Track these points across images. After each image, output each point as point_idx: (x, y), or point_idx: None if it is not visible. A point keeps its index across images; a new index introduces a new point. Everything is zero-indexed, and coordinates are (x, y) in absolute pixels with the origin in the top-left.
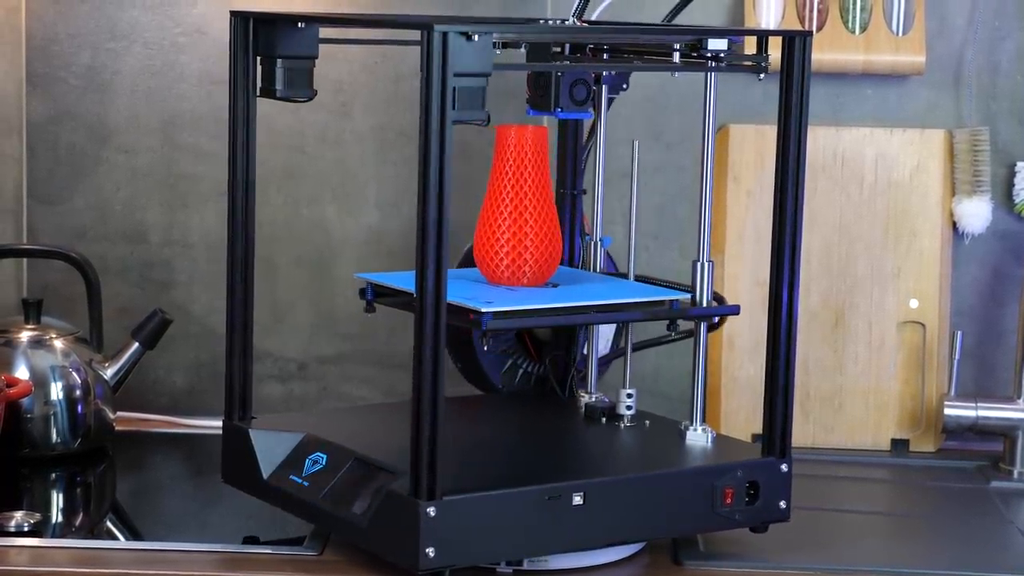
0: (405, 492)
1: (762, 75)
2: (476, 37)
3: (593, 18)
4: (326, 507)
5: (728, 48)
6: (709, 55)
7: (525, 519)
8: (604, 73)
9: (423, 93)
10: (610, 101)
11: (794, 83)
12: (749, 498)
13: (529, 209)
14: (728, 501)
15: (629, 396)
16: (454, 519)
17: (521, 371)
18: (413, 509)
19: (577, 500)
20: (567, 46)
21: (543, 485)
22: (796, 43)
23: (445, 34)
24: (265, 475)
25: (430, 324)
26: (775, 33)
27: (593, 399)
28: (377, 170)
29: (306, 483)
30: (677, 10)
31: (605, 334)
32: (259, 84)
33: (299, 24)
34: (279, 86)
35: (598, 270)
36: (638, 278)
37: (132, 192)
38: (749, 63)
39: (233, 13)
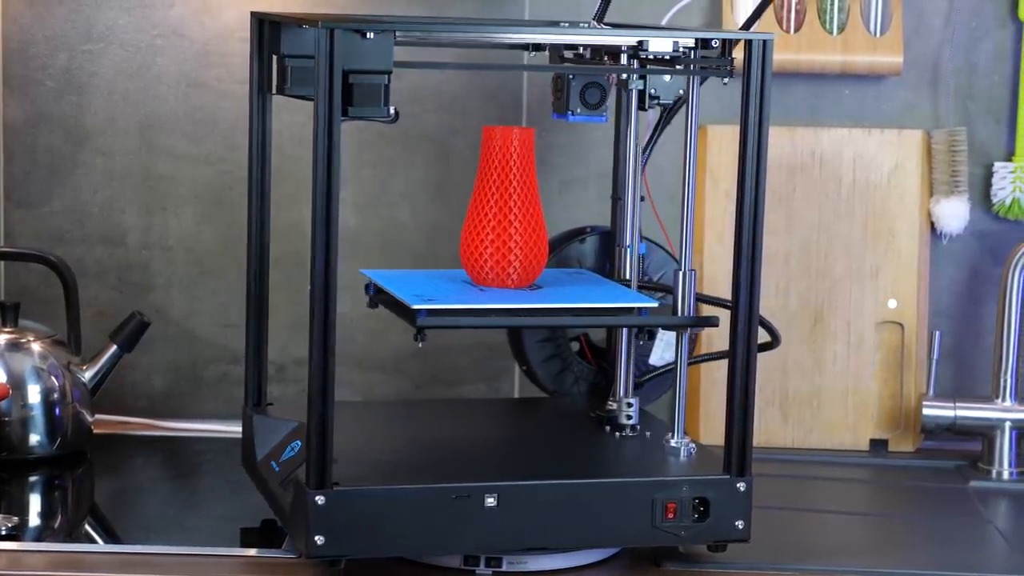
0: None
1: (726, 79)
2: (371, 35)
3: (664, 22)
4: (278, 493)
5: (675, 49)
6: (651, 57)
7: (429, 516)
8: (634, 77)
9: (315, 89)
10: (665, 108)
11: (752, 87)
12: (699, 515)
13: (514, 211)
14: (670, 516)
15: (629, 405)
16: (346, 510)
17: (573, 376)
18: (305, 497)
19: (490, 502)
20: (587, 50)
21: (450, 484)
22: (755, 46)
23: (332, 31)
24: (258, 460)
25: (319, 318)
26: (737, 36)
27: (616, 407)
28: (355, 171)
29: (277, 469)
30: (757, 14)
31: (670, 344)
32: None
33: (302, 26)
34: (288, 84)
35: (628, 277)
36: (653, 286)
37: (110, 194)
38: (714, 66)
39: (253, 14)
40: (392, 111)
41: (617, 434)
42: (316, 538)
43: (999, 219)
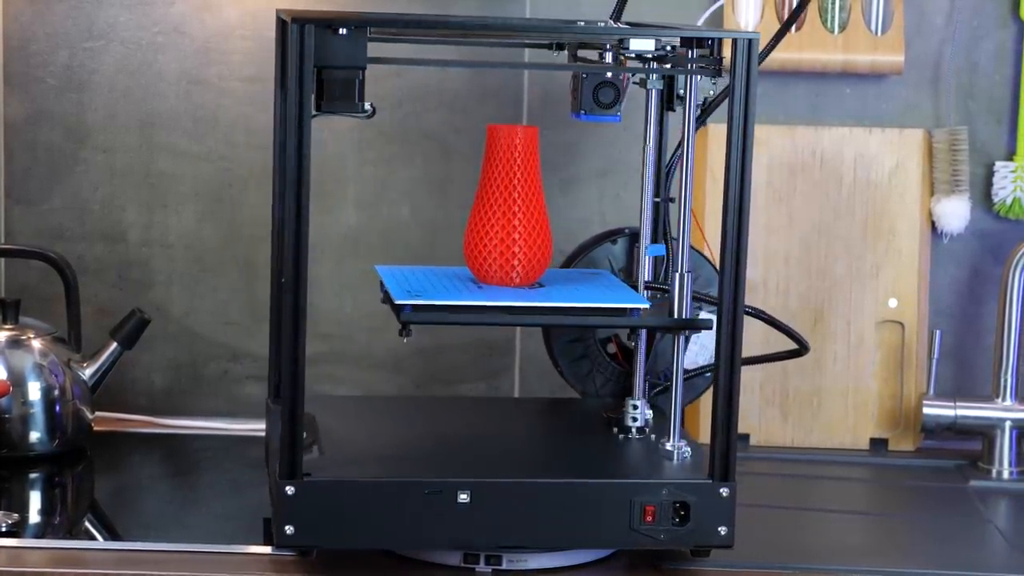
0: None
1: (715, 79)
2: (343, 31)
3: (700, 22)
4: (272, 486)
5: (659, 48)
6: (633, 55)
7: (400, 510)
8: (653, 77)
9: (289, 85)
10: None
11: (738, 85)
12: (679, 519)
13: (518, 209)
14: (649, 519)
15: (635, 407)
16: (316, 501)
17: (603, 377)
18: (277, 487)
19: (463, 498)
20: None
21: (421, 479)
22: (740, 45)
23: (303, 26)
24: (270, 453)
25: (289, 312)
26: (724, 34)
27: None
28: (356, 169)
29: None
30: (794, 16)
31: (704, 348)
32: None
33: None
34: None
35: (640, 278)
36: (661, 287)
37: (110, 192)
38: (702, 66)
39: (278, 12)
40: (368, 107)
41: (621, 436)
42: (286, 528)
43: (1000, 218)
